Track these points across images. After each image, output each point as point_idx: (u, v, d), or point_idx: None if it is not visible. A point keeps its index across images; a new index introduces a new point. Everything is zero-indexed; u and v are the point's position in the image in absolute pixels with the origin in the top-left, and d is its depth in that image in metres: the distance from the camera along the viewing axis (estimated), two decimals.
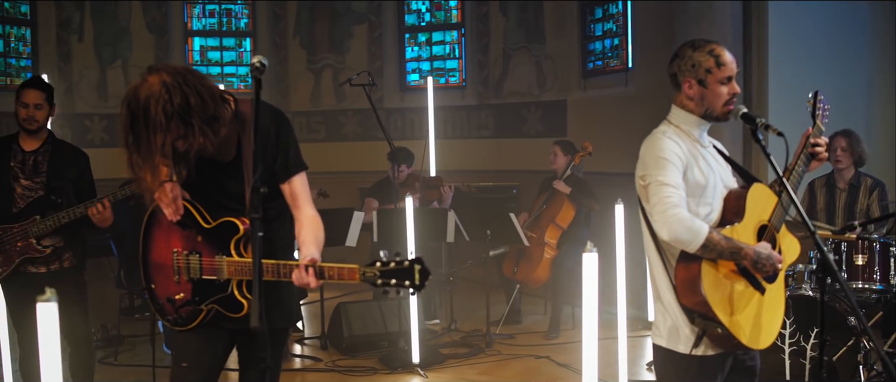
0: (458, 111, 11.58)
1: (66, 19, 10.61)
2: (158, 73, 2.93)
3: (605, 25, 10.02)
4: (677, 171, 3.13)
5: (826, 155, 3.44)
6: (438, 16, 11.76)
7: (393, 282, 2.90)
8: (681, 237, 3.03)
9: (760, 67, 7.69)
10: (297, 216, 3.29)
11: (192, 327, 3.30)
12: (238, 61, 11.85)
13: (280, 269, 3.08)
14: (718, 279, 3.09)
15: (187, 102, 2.90)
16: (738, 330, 3.08)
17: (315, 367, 6.66)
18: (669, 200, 3.07)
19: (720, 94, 3.21)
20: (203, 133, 2.95)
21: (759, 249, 3.09)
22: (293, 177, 3.28)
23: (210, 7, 11.73)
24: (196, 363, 3.30)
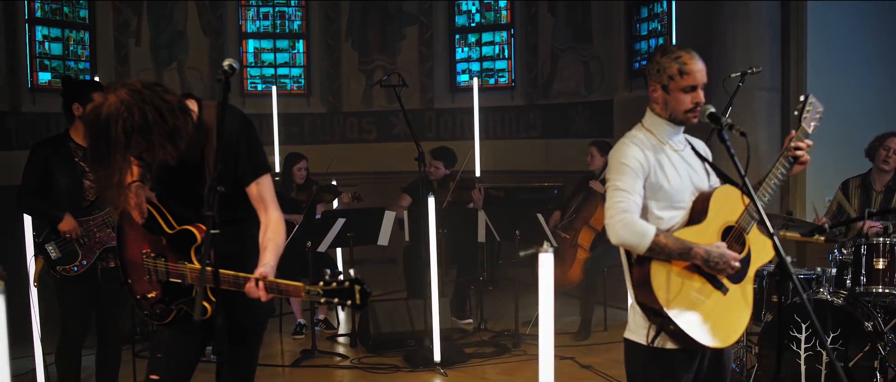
0: (507, 112, 11.60)
1: (123, 22, 10.95)
2: (117, 91, 3.00)
3: (650, 25, 9.92)
4: (635, 177, 3.18)
5: (807, 159, 3.36)
6: (488, 16, 11.79)
7: (336, 301, 3.00)
8: (627, 241, 3.11)
9: (798, 66, 7.54)
10: (262, 219, 3.35)
11: (166, 323, 3.40)
12: (291, 63, 12.07)
13: (238, 280, 3.16)
14: (670, 279, 3.12)
15: (145, 118, 2.97)
16: (693, 329, 3.09)
17: (339, 364, 6.75)
18: (620, 205, 3.14)
19: (681, 101, 3.24)
20: (162, 147, 3.04)
21: (711, 248, 3.11)
22: (258, 179, 3.34)
23: (264, 9, 11.96)
24: (170, 353, 3.40)
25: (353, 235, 7.25)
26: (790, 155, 3.32)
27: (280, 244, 3.31)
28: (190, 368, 3.44)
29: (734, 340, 3.22)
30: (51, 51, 10.45)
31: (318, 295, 3.02)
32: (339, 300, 3.00)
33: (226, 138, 3.21)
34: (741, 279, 3.23)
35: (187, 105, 3.21)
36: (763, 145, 7.52)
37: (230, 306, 3.31)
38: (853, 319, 5.17)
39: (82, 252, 4.80)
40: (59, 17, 10.54)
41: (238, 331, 3.47)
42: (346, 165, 11.12)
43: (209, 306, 3.23)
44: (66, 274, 4.82)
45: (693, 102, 3.23)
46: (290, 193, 7.83)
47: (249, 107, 11.75)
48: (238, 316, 3.41)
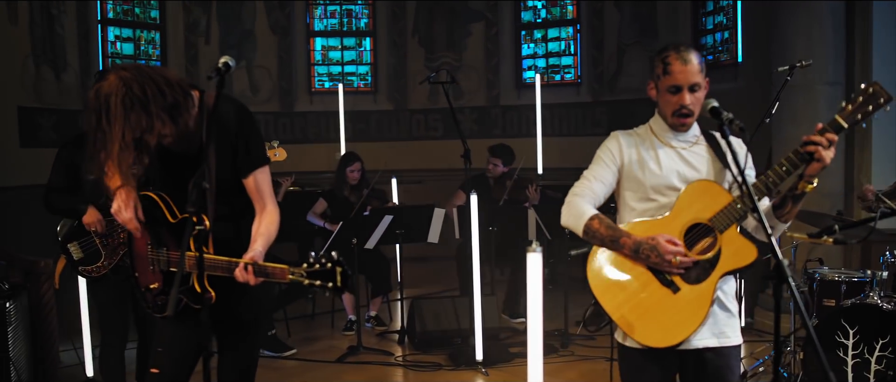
0: (573, 108, 11.45)
1: (193, 22, 11.17)
2: (117, 71, 3.05)
3: (715, 18, 9.67)
4: (604, 166, 3.24)
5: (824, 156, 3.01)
6: (554, 12, 11.66)
7: (317, 282, 3.02)
8: (568, 222, 3.18)
9: (863, 58, 7.23)
10: (257, 210, 3.36)
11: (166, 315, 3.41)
12: (358, 60, 12.14)
13: (230, 266, 3.16)
14: (609, 268, 3.11)
15: (144, 91, 2.99)
16: (625, 322, 3.07)
17: (384, 361, 6.74)
18: (574, 189, 3.23)
19: (667, 102, 3.20)
20: (162, 122, 3.04)
21: (643, 240, 3.03)
22: (255, 171, 3.34)
23: (332, 7, 12.06)
24: (170, 347, 3.42)
25: (402, 232, 7.25)
26: (803, 151, 3.02)
27: (272, 234, 3.32)
28: (190, 362, 3.45)
29: (674, 342, 3.07)
30: (122, 51, 10.73)
31: (302, 277, 3.04)
32: (321, 282, 3.02)
33: (223, 132, 3.24)
34: (699, 280, 3.08)
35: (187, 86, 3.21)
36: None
37: (231, 300, 3.34)
38: None
39: (105, 253, 4.81)
40: (130, 17, 10.82)
41: (238, 326, 3.49)
42: (412, 162, 11.15)
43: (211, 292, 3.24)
44: (89, 275, 4.86)
45: (677, 103, 3.15)
46: (342, 192, 7.88)
47: (316, 104, 11.89)
48: (240, 311, 3.42)
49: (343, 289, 3.02)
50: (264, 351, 6.95)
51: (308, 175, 10.09)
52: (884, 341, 4.95)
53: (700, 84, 3.19)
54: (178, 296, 3.33)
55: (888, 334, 4.94)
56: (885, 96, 3.04)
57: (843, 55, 7.27)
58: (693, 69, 3.15)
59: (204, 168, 3.01)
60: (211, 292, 3.25)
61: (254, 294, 3.44)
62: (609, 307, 3.11)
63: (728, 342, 3.20)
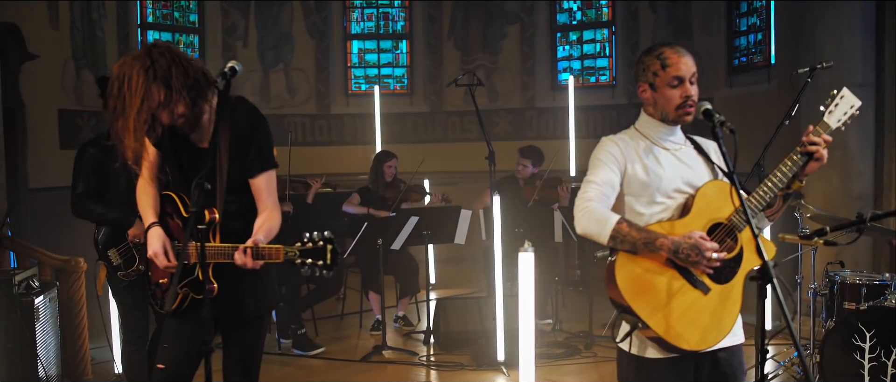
0: (608, 110, 11.43)
1: (231, 26, 11.35)
2: (148, 46, 3.18)
3: (749, 20, 9.59)
4: (608, 169, 3.13)
5: (823, 155, 3.08)
6: (589, 14, 11.65)
7: (309, 261, 3.13)
8: (588, 229, 3.02)
9: (894, 64, 7.14)
10: (260, 209, 3.45)
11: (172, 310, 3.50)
12: (394, 63, 12.23)
13: (230, 251, 3.25)
14: (638, 274, 2.99)
15: (169, 67, 3.12)
16: (663, 328, 2.96)
17: (407, 360, 6.81)
18: (585, 194, 3.09)
19: (670, 97, 3.13)
20: (182, 99, 3.16)
21: (681, 239, 2.94)
22: (264, 172, 3.42)
23: (368, 11, 12.17)
24: (175, 342, 3.52)
25: (429, 233, 7.31)
26: (803, 151, 3.06)
27: (273, 230, 3.39)
28: (195, 357, 3.53)
29: (711, 345, 3.02)
30: None
31: (296, 256, 3.14)
32: (313, 260, 3.13)
33: (237, 132, 3.34)
34: (728, 279, 3.05)
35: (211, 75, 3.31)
36: (853, 143, 7.16)
37: (236, 296, 3.42)
38: None
39: (139, 257, 4.87)
40: (169, 21, 11.03)
41: (243, 321, 3.57)
42: (448, 164, 11.20)
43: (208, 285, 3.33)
44: (127, 279, 4.92)
45: (682, 96, 3.12)
46: (379, 190, 7.98)
47: (353, 106, 12.01)
48: (244, 307, 3.50)
49: (332, 266, 3.11)
50: (294, 350, 7.08)
51: (344, 176, 10.21)
52: None
53: (696, 77, 3.19)
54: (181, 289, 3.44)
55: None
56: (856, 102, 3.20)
57: (873, 56, 7.19)
58: (690, 61, 3.15)
59: (207, 169, 3.11)
60: (213, 283, 3.35)
61: (258, 291, 3.53)
62: (643, 313, 2.99)
63: (737, 340, 3.19)
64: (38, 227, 8.34)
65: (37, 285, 5.57)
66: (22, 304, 5.29)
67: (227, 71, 3.25)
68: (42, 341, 5.47)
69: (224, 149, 3.36)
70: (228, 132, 3.33)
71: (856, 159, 7.18)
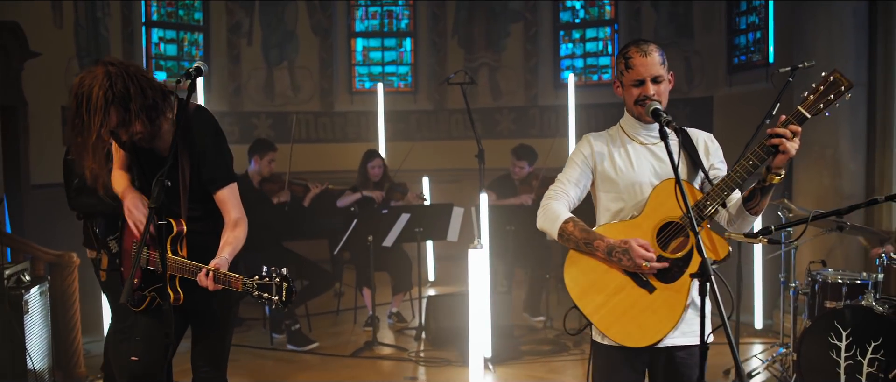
0: (610, 109, 11.42)
1: (236, 24, 11.45)
2: (105, 65, 3.26)
3: (748, 18, 9.59)
4: (577, 169, 3.30)
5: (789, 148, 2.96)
6: (592, 12, 11.67)
7: (265, 294, 3.22)
8: (543, 226, 3.24)
9: (887, 63, 7.12)
10: (227, 221, 3.55)
11: (141, 309, 3.59)
12: (398, 61, 12.30)
13: (196, 269, 3.34)
14: (586, 272, 3.13)
15: (127, 89, 3.22)
16: (604, 324, 3.10)
17: (396, 356, 6.88)
18: (549, 193, 3.28)
19: (631, 95, 3.26)
20: (140, 120, 3.26)
21: (616, 243, 3.07)
22: (225, 187, 3.52)
23: (373, 8, 12.24)
24: (146, 336, 3.61)
25: (421, 230, 7.37)
26: (768, 144, 2.98)
27: (239, 243, 3.49)
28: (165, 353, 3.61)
29: (652, 342, 3.11)
30: (166, 52, 11.06)
31: (253, 287, 3.23)
32: (268, 294, 3.22)
33: (194, 141, 3.42)
34: (675, 279, 3.11)
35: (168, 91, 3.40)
36: (845, 142, 7.14)
37: (203, 293, 3.50)
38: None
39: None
40: (174, 19, 11.14)
41: (209, 317, 3.65)
42: (451, 161, 11.26)
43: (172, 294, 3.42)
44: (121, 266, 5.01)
45: (640, 94, 3.21)
46: (367, 189, 8.05)
47: (357, 104, 12.08)
48: (211, 303, 3.59)
49: (287, 302, 3.21)
50: (288, 345, 7.17)
51: (348, 174, 10.27)
52: (876, 343, 4.93)
53: (662, 76, 3.25)
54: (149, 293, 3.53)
55: (881, 336, 4.91)
56: (845, 84, 3.01)
57: (865, 55, 7.17)
58: (653, 62, 3.22)
59: (166, 167, 3.18)
60: (180, 293, 3.45)
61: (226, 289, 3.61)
62: (587, 310, 3.15)
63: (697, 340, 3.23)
64: (40, 223, 8.45)
65: (28, 279, 5.67)
66: (11, 297, 5.39)
67: (193, 72, 3.31)
68: (32, 334, 5.57)
69: (184, 157, 3.44)
70: (187, 141, 3.41)
71: (847, 158, 7.17)
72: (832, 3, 7.11)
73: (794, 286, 5.73)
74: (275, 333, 7.42)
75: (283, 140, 11.66)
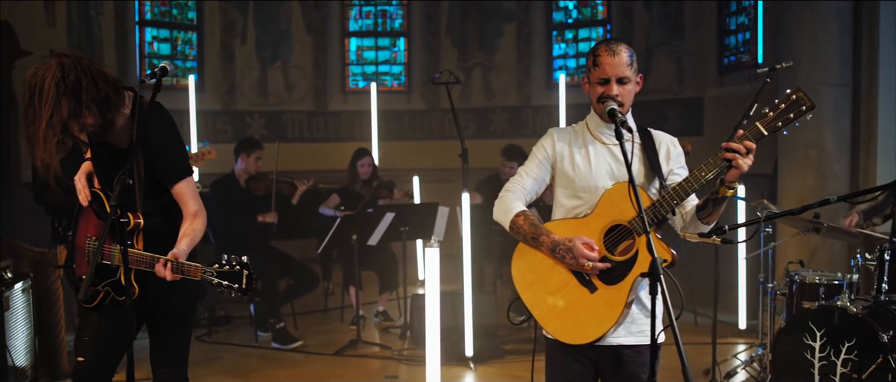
0: None
1: (230, 23, 11.49)
2: (59, 57, 3.29)
3: (738, 19, 9.61)
4: (537, 163, 3.35)
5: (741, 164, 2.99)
6: (585, 13, 11.70)
7: (225, 282, 3.21)
8: (497, 217, 3.30)
9: (871, 64, 7.14)
10: (185, 214, 3.56)
11: (94, 305, 3.61)
12: (392, 60, 12.34)
13: (152, 261, 3.36)
14: (532, 266, 3.20)
15: (79, 81, 3.24)
16: (544, 319, 3.19)
17: (378, 354, 6.92)
18: (507, 185, 3.34)
19: (596, 92, 3.27)
20: (90, 112, 3.29)
21: (561, 240, 3.12)
22: (180, 181, 3.54)
23: (367, 8, 12.28)
24: (95, 336, 3.63)
25: (406, 230, 7.40)
26: (722, 157, 3.02)
27: (197, 235, 3.50)
28: (117, 351, 3.63)
29: (586, 340, 3.16)
30: (159, 51, 11.11)
31: (212, 275, 3.23)
32: (228, 283, 3.22)
33: (148, 136, 3.45)
34: (617, 281, 3.13)
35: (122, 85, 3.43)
36: (829, 143, 7.17)
37: (160, 290, 3.52)
38: (867, 329, 4.90)
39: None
40: (168, 18, 11.19)
41: (167, 315, 3.67)
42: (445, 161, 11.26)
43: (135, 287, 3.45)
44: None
45: (604, 92, 3.23)
46: (355, 187, 8.09)
47: (350, 103, 12.12)
48: (168, 301, 3.60)
49: (247, 290, 3.20)
50: (273, 343, 7.20)
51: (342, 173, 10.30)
52: (849, 344, 4.95)
53: (629, 78, 3.27)
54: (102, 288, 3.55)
55: (854, 337, 4.93)
56: (807, 104, 3.05)
57: (850, 57, 7.19)
58: (621, 61, 3.23)
59: (129, 166, 3.22)
60: (135, 286, 3.46)
61: (180, 286, 3.61)
62: (530, 304, 3.23)
63: (646, 340, 3.27)
64: (30, 221, 8.50)
65: (10, 275, 5.71)
66: None
67: (158, 71, 3.35)
68: (14, 331, 5.61)
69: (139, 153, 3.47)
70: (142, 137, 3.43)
71: (832, 160, 7.20)
72: (817, 4, 7.14)
73: (772, 287, 5.74)
74: (260, 331, 7.46)
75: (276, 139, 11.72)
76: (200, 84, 11.35)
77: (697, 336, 6.97)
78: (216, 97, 11.48)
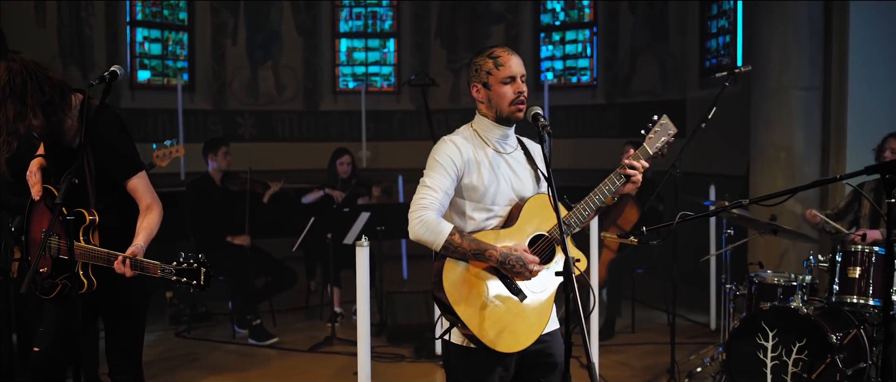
0: (588, 110, 11.58)
1: (221, 23, 11.62)
2: (8, 62, 3.47)
3: (719, 22, 9.71)
4: (446, 175, 3.26)
5: (638, 179, 3.31)
6: (572, 15, 11.80)
7: (184, 279, 3.39)
8: (422, 237, 3.18)
9: (841, 66, 7.23)
10: (141, 208, 3.72)
11: (52, 297, 3.75)
12: (382, 61, 12.46)
13: (110, 257, 3.50)
14: (464, 278, 3.18)
15: (25, 85, 3.44)
16: (480, 330, 3.15)
17: (351, 351, 7.01)
18: (422, 201, 3.22)
19: (503, 94, 3.33)
20: (35, 115, 3.48)
21: (509, 251, 3.16)
22: (133, 176, 3.69)
23: (357, 10, 12.41)
24: (48, 328, 3.78)
25: (382, 229, 7.51)
26: (622, 173, 3.31)
27: (153, 229, 3.66)
28: (72, 341, 3.76)
29: (521, 347, 3.22)
30: (150, 51, 11.25)
31: (170, 273, 3.40)
32: (187, 279, 3.39)
33: (97, 136, 3.59)
34: (544, 287, 3.27)
35: (68, 89, 3.59)
36: (799, 146, 7.25)
37: (115, 285, 3.66)
38: (816, 329, 5.00)
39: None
40: (159, 19, 11.32)
41: (122, 307, 3.81)
42: None
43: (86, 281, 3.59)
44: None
45: (515, 92, 3.32)
46: (335, 186, 8.22)
47: (340, 104, 12.25)
48: (122, 294, 3.75)
49: (205, 286, 3.37)
50: (249, 340, 7.33)
51: None
52: (800, 344, 5.05)
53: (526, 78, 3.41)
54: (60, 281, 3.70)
55: (805, 337, 5.03)
56: (672, 129, 3.38)
57: (820, 60, 7.27)
58: (520, 61, 3.36)
59: (75, 166, 3.37)
60: (93, 280, 3.62)
61: (136, 280, 3.76)
62: (465, 316, 3.15)
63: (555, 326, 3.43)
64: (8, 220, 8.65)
65: None
66: None
67: (108, 75, 3.49)
68: None
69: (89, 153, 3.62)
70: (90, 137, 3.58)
71: (802, 162, 7.28)
72: (787, 8, 7.22)
73: (730, 288, 5.85)
74: (238, 327, 7.58)
75: (266, 139, 11.88)
76: (191, 84, 11.49)
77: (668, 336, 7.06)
78: (206, 97, 11.61)
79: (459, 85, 12.13)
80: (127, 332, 3.86)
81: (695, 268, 7.71)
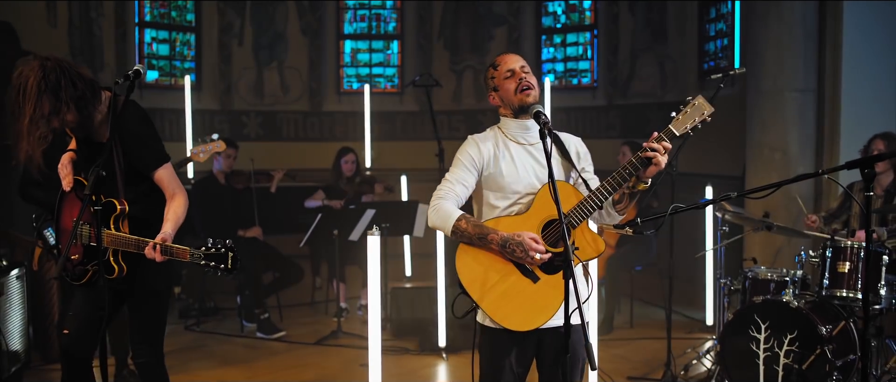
0: (589, 112, 11.76)
1: (227, 24, 11.80)
2: (42, 59, 3.67)
3: (717, 25, 9.89)
4: (465, 170, 3.57)
5: (661, 161, 3.38)
6: (573, 17, 11.99)
7: (212, 264, 3.59)
8: (435, 223, 3.49)
9: (834, 68, 7.41)
10: (167, 197, 3.94)
11: (83, 283, 3.95)
12: (385, 63, 12.65)
13: (140, 244, 3.70)
14: (475, 262, 3.43)
15: (59, 81, 3.65)
16: (493, 310, 3.39)
17: (355, 344, 7.22)
18: (439, 192, 3.52)
19: (509, 87, 3.59)
20: (68, 109, 3.69)
21: (509, 236, 3.36)
22: (159, 168, 3.90)
23: (361, 11, 12.60)
24: (78, 311, 4.00)
25: (387, 226, 7.69)
26: (643, 157, 3.38)
27: (180, 216, 3.88)
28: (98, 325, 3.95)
29: (533, 326, 3.42)
30: (158, 52, 11.44)
31: (200, 257, 3.61)
32: (215, 264, 3.59)
33: (125, 130, 3.80)
34: (557, 270, 3.43)
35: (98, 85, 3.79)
36: (794, 146, 7.44)
37: (139, 272, 3.87)
38: (806, 321, 5.19)
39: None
40: (166, 20, 11.52)
41: (148, 294, 4.02)
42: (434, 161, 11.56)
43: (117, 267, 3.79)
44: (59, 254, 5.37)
45: (517, 80, 3.57)
46: (339, 183, 8.41)
47: (344, 104, 12.43)
48: (146, 281, 3.95)
49: (232, 270, 3.57)
50: (257, 333, 7.53)
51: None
52: (791, 336, 5.23)
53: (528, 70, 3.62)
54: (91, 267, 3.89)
55: (795, 329, 5.22)
56: (707, 109, 3.43)
57: (814, 62, 7.44)
58: (517, 57, 3.63)
59: (103, 159, 3.57)
60: (123, 266, 3.82)
61: (159, 268, 3.96)
62: (476, 296, 3.43)
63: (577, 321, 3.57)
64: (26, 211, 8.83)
65: (5, 263, 6.03)
66: None
67: (131, 74, 3.69)
68: (9, 316, 5.93)
69: (118, 146, 3.83)
70: (118, 131, 3.78)
71: (796, 163, 7.46)
72: (782, 9, 7.39)
73: (724, 283, 6.03)
74: (246, 321, 7.77)
75: (272, 138, 12.06)
76: (198, 84, 11.68)
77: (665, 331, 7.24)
78: (213, 97, 11.80)
79: (462, 86, 12.33)
80: (151, 316, 4.06)
81: (692, 266, 7.89)
